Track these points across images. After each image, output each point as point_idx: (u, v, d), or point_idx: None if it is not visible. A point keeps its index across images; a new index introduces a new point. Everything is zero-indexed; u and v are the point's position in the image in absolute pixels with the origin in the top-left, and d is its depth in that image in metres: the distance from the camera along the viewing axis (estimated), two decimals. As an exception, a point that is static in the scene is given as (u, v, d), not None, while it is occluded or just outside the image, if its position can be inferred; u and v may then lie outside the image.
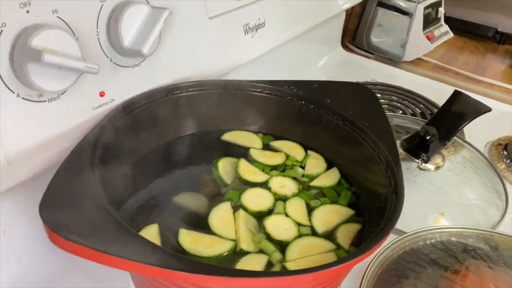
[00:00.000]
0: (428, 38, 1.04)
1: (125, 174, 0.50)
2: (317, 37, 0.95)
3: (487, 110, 0.67)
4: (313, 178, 0.54)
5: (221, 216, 0.47)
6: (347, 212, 0.50)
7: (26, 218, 0.49)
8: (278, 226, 0.47)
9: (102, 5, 0.45)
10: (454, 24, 1.17)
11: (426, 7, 1.04)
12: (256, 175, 0.53)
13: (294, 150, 0.58)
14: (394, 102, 0.88)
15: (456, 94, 0.69)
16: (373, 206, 0.48)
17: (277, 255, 0.44)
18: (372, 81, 0.95)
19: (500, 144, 0.76)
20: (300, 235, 0.46)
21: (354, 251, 0.38)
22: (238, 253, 0.44)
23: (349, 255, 0.36)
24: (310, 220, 0.49)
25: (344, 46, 1.11)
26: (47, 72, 0.40)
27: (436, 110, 0.83)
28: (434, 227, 0.51)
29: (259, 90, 0.58)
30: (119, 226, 0.35)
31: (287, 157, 0.57)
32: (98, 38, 0.46)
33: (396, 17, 1.05)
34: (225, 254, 0.43)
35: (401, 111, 0.85)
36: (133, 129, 0.50)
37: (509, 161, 0.72)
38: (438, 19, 1.11)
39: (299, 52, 0.91)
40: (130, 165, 0.51)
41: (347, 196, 0.52)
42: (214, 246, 0.43)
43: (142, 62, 0.51)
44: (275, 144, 0.59)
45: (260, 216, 0.48)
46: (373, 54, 1.10)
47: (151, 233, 0.44)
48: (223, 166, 0.54)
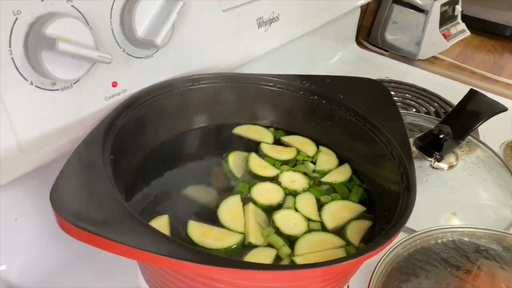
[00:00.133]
0: (444, 36, 1.03)
1: (135, 165, 0.50)
2: (331, 33, 0.95)
3: (503, 109, 0.66)
4: (324, 173, 0.54)
5: (230, 209, 0.47)
6: (358, 208, 0.49)
7: (38, 207, 0.49)
8: (288, 221, 0.47)
9: (116, -5, 0.45)
10: (471, 22, 1.15)
11: (443, 5, 1.02)
12: (266, 170, 0.53)
13: (306, 146, 0.58)
14: (408, 100, 0.87)
15: (471, 93, 0.68)
16: (384, 203, 0.48)
17: (285, 250, 0.43)
18: (386, 78, 0.94)
19: (515, 144, 0.75)
20: (309, 230, 0.46)
21: (364, 247, 0.38)
22: (246, 246, 0.44)
23: (359, 251, 0.36)
24: (320, 215, 0.48)
25: (358, 43, 1.10)
26: (61, 60, 0.40)
27: (450, 109, 0.82)
28: (446, 226, 0.50)
29: (271, 84, 0.58)
30: (129, 215, 0.35)
31: (298, 152, 0.57)
32: (112, 28, 0.46)
33: (411, 14, 1.04)
34: (233, 247, 0.43)
35: (414, 109, 0.84)
36: (144, 120, 0.50)
37: (524, 162, 0.71)
38: (455, 17, 1.09)
39: (312, 47, 0.90)
40: (141, 156, 0.51)
41: (359, 192, 0.51)
42: (223, 239, 0.43)
43: (155, 53, 0.51)
44: (286, 139, 0.59)
45: (269, 210, 0.48)
46: (387, 51, 1.09)
47: (161, 223, 0.44)
48: (233, 160, 0.54)
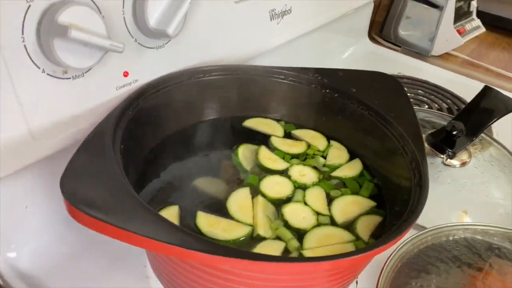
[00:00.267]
0: (458, 32, 1.01)
1: (145, 155, 0.50)
2: (343, 27, 0.94)
3: (518, 107, 0.65)
4: (334, 168, 0.54)
5: (239, 201, 0.47)
6: (368, 203, 0.49)
7: (48, 195, 0.49)
8: (297, 214, 0.46)
9: (129, -16, 0.45)
10: (486, 19, 1.13)
11: (458, 0, 1.01)
12: (276, 163, 0.53)
13: (316, 140, 0.57)
14: (420, 96, 0.86)
15: (486, 90, 0.67)
16: (395, 199, 0.47)
17: (294, 243, 0.43)
18: (398, 74, 0.93)
19: (529, 143, 0.74)
20: (318, 224, 0.46)
21: (374, 242, 0.37)
22: (255, 238, 0.44)
23: (369, 246, 0.36)
24: (329, 209, 0.48)
25: (371, 38, 1.08)
26: (73, 48, 0.40)
27: (463, 106, 0.81)
28: (458, 224, 0.50)
29: (283, 77, 0.57)
30: (139, 204, 0.35)
31: (309, 146, 0.56)
32: (124, 17, 0.45)
33: (426, 9, 1.03)
34: (241, 239, 0.43)
35: (427, 106, 0.83)
36: (155, 111, 0.50)
37: (538, 161, 0.70)
38: (470, 13, 1.07)
39: (324, 42, 0.89)
40: (151, 146, 0.51)
41: (369, 187, 0.51)
42: (231, 230, 0.43)
43: (166, 43, 0.51)
44: (297, 132, 0.58)
45: (278, 203, 0.48)
46: (400, 47, 1.08)
47: (172, 214, 0.44)
48: (243, 153, 0.53)
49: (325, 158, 0.55)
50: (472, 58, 1.06)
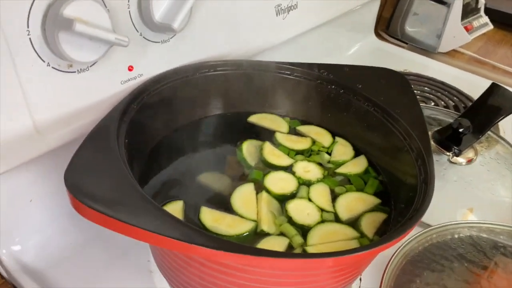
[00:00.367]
0: (466, 29, 1.00)
1: (149, 150, 0.50)
2: (349, 23, 0.93)
3: (526, 105, 0.64)
4: (339, 164, 0.53)
5: (243, 196, 0.46)
6: (373, 200, 0.49)
7: (52, 188, 0.50)
8: (301, 210, 0.46)
9: (134, -23, 0.45)
10: (494, 16, 1.12)
11: (466, -3, 1.00)
12: (280, 159, 0.53)
13: (321, 136, 0.57)
14: (427, 94, 0.85)
15: (493, 87, 0.67)
16: (400, 196, 0.47)
17: (298, 239, 0.43)
18: (404, 71, 0.93)
19: (537, 141, 0.73)
20: (323, 221, 0.46)
21: (378, 239, 0.37)
22: (258, 234, 0.43)
23: (373, 243, 0.36)
24: (334, 206, 0.48)
25: (377, 34, 1.08)
26: (78, 42, 0.40)
27: (470, 104, 0.80)
28: (463, 222, 0.49)
29: (288, 73, 0.57)
30: (143, 199, 0.35)
31: (313, 142, 0.56)
32: (129, 11, 0.45)
33: (433, 6, 1.01)
34: (245, 234, 0.43)
35: (433, 103, 0.83)
36: (159, 105, 0.50)
37: (545, 159, 0.69)
38: (478, 10, 1.06)
39: (330, 37, 0.89)
40: (155, 141, 0.51)
41: (374, 185, 0.51)
42: (235, 226, 0.43)
43: (171, 38, 0.50)
44: (302, 128, 0.58)
45: (282, 199, 0.48)
46: (407, 43, 1.07)
47: (176, 208, 0.44)
48: (247, 149, 0.53)
49: (330, 154, 0.55)
50: (479, 55, 1.05)
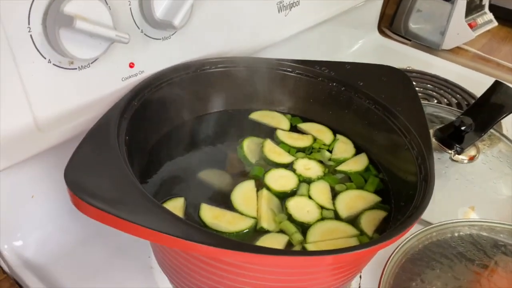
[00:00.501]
0: (470, 26, 1.00)
1: (150, 147, 0.50)
2: (352, 20, 0.93)
3: (529, 103, 0.64)
4: (340, 162, 0.53)
5: (244, 193, 0.46)
6: (373, 198, 0.49)
7: (54, 185, 0.50)
8: (301, 208, 0.46)
9: (135, -26, 0.45)
10: (498, 12, 1.11)
11: (470, -7, 0.99)
12: (281, 156, 0.53)
13: (322, 133, 0.57)
14: (430, 91, 0.85)
15: (496, 85, 0.66)
16: (400, 194, 0.47)
17: (298, 236, 0.43)
18: (408, 68, 0.92)
19: (540, 139, 0.73)
20: (322, 218, 0.46)
21: (378, 237, 0.37)
22: (258, 231, 0.43)
23: (373, 240, 0.36)
24: (334, 204, 0.48)
25: (380, 31, 1.07)
26: (79, 39, 0.40)
27: (473, 101, 0.80)
28: (463, 220, 0.49)
29: (290, 70, 0.57)
30: (143, 196, 0.35)
31: (315, 140, 0.56)
32: (130, 8, 0.45)
33: (437, 2, 1.01)
34: (245, 231, 0.43)
35: (436, 100, 0.82)
36: (160, 102, 0.50)
37: (548, 157, 0.69)
38: (482, 7, 1.06)
39: (333, 34, 0.88)
40: (156, 138, 0.51)
41: (374, 182, 0.51)
42: (235, 223, 0.43)
43: (172, 35, 0.50)
44: (303, 126, 0.58)
45: (283, 196, 0.48)
46: (410, 40, 1.07)
47: (177, 206, 0.44)
48: (248, 146, 0.53)
49: (331, 152, 0.55)
50: (483, 53, 1.04)
